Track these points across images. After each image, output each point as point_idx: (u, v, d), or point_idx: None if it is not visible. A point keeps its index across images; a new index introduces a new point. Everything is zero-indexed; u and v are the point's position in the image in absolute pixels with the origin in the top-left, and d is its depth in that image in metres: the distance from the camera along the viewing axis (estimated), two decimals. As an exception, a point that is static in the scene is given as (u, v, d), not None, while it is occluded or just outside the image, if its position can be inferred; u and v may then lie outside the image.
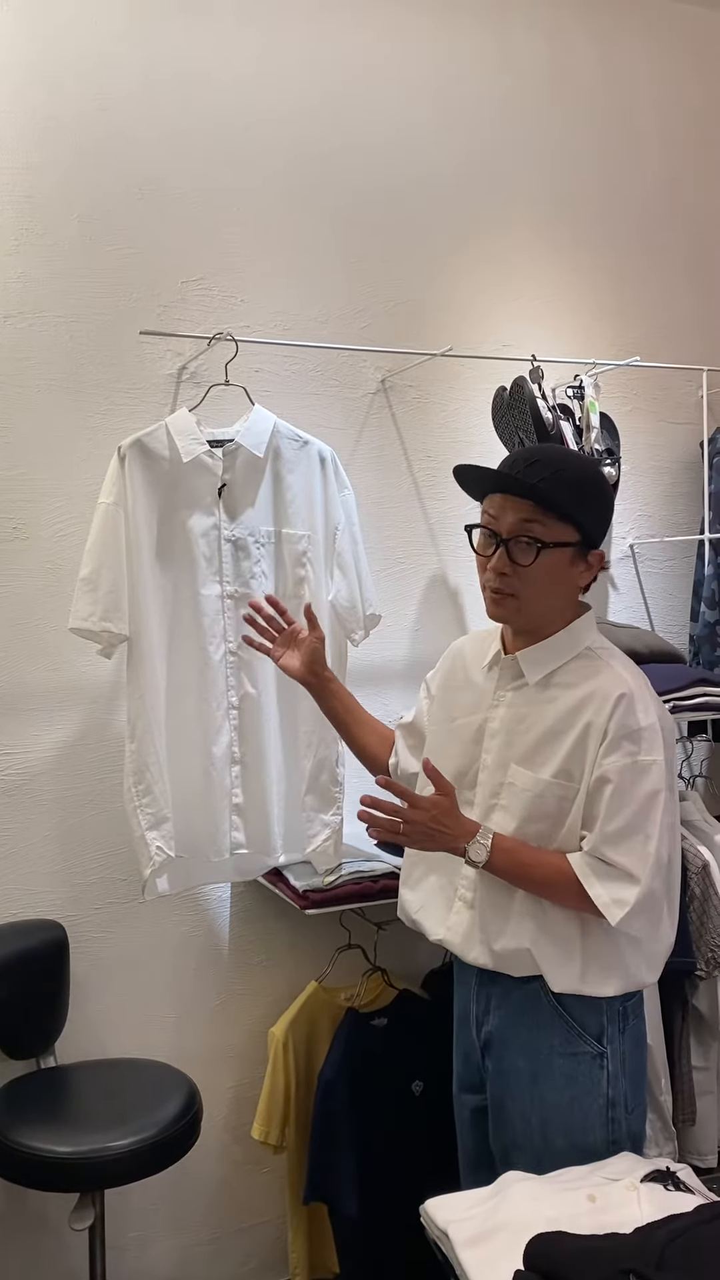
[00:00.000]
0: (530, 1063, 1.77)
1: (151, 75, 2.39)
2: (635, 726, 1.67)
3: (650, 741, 1.67)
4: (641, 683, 1.74)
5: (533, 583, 1.72)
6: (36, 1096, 2.14)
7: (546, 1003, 1.75)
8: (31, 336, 2.30)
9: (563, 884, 1.68)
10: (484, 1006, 1.84)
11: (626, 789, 1.65)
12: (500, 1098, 1.82)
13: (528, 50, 2.81)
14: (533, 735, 1.75)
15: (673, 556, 2.98)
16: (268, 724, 2.29)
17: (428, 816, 1.69)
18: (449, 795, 1.72)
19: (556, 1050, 1.75)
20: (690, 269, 3.03)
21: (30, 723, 2.31)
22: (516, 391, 2.50)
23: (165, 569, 2.22)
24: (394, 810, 1.69)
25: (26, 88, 2.28)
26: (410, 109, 2.66)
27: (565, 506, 1.69)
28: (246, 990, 2.50)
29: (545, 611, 1.77)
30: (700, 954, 2.36)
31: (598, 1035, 1.75)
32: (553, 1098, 1.75)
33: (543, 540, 1.70)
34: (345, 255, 2.59)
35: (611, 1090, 1.75)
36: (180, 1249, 2.47)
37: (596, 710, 1.69)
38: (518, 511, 1.71)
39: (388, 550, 2.63)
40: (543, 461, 1.73)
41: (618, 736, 1.67)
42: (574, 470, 1.75)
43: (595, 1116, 1.74)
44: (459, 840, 1.71)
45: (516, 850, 1.72)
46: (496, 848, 1.71)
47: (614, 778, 1.66)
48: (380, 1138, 2.29)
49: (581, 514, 1.71)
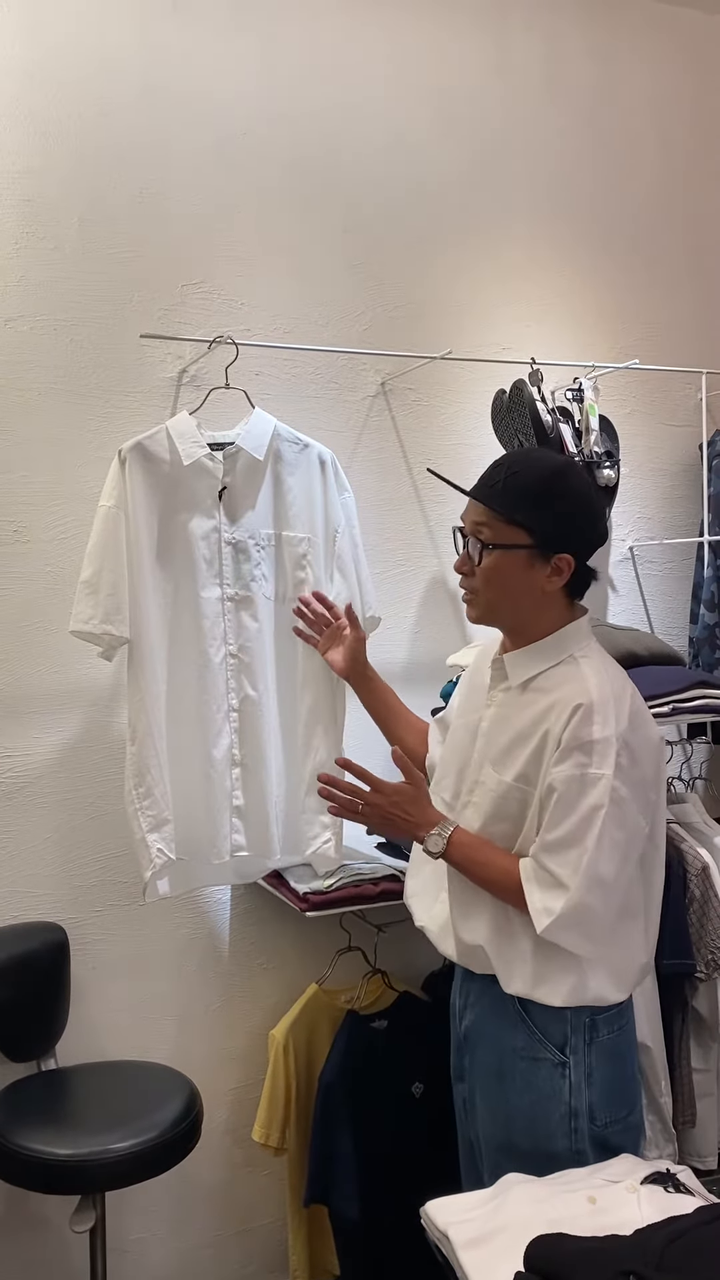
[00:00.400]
0: (497, 1062, 1.78)
1: (152, 80, 2.40)
2: (588, 738, 1.65)
3: (602, 754, 1.64)
4: (611, 694, 1.70)
5: (486, 583, 1.76)
6: (37, 1099, 2.14)
7: (511, 1006, 1.76)
8: (32, 340, 2.30)
9: (509, 885, 1.69)
10: (464, 1001, 1.88)
11: (571, 800, 1.65)
12: (472, 1092, 1.85)
13: (525, 55, 2.81)
14: (505, 737, 1.76)
15: (672, 559, 2.98)
16: (268, 726, 2.29)
17: (387, 801, 1.76)
18: (417, 785, 1.78)
19: (519, 1053, 1.75)
20: (689, 272, 3.03)
21: (31, 725, 2.31)
22: (516, 394, 2.50)
23: (166, 572, 2.22)
24: (352, 790, 1.77)
25: (27, 92, 2.29)
26: (409, 113, 2.67)
27: (509, 510, 1.71)
28: (247, 992, 2.50)
29: (513, 614, 1.78)
30: (700, 956, 2.36)
31: (560, 1044, 1.73)
32: (515, 1099, 1.76)
33: (487, 542, 1.74)
34: (345, 259, 2.60)
35: (574, 1100, 1.73)
36: (181, 1251, 2.47)
37: (555, 718, 1.69)
38: (474, 513, 1.77)
39: (388, 553, 2.63)
40: (503, 466, 1.77)
41: (569, 746, 1.66)
42: (531, 475, 1.74)
43: (557, 1124, 1.73)
44: (419, 829, 1.76)
45: (473, 847, 1.74)
46: (453, 841, 1.74)
47: (560, 787, 1.66)
48: (381, 1140, 2.29)
49: (530, 517, 1.71)
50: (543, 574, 1.74)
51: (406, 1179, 2.21)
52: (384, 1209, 2.24)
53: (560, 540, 1.73)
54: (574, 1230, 1.44)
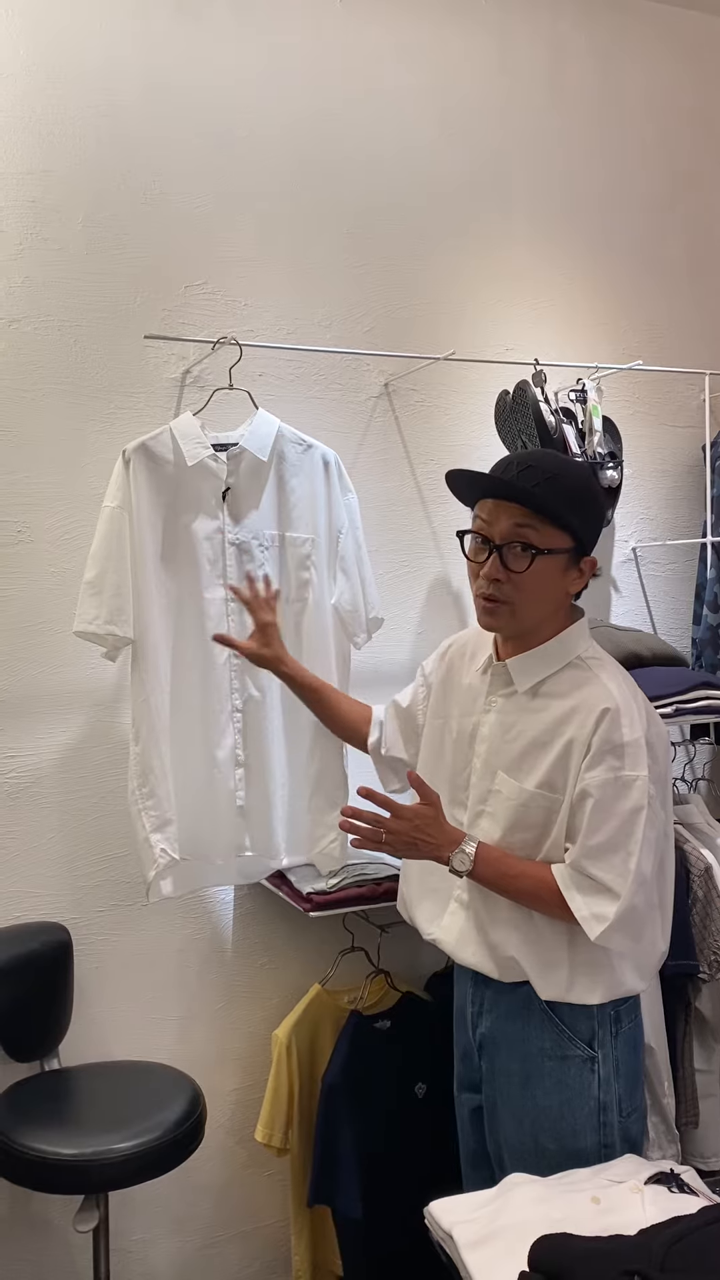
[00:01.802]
0: (522, 1065, 1.77)
1: (155, 81, 2.40)
2: (619, 741, 1.65)
3: (634, 757, 1.65)
4: (630, 695, 1.71)
5: (526, 590, 1.69)
6: (40, 1099, 2.14)
7: (537, 1006, 1.75)
8: (36, 341, 2.31)
9: (546, 895, 1.68)
10: (479, 1008, 1.85)
11: (608, 804, 1.64)
12: (493, 1099, 1.82)
13: (529, 56, 2.81)
14: (519, 744, 1.74)
15: (675, 560, 2.98)
16: (271, 727, 2.29)
17: (410, 826, 1.69)
18: (434, 804, 1.72)
19: (547, 1053, 1.75)
20: (692, 273, 3.03)
21: (35, 725, 2.31)
22: (519, 395, 2.51)
23: (169, 572, 2.22)
24: (375, 820, 1.69)
25: (31, 94, 2.29)
26: (412, 114, 2.67)
27: (560, 512, 1.68)
28: (250, 993, 2.50)
29: (537, 620, 1.75)
30: (703, 956, 2.36)
31: (588, 1039, 1.74)
32: (544, 1101, 1.75)
33: (537, 546, 1.68)
34: (348, 260, 2.60)
35: (603, 1094, 1.74)
36: (184, 1251, 2.47)
37: (581, 723, 1.68)
38: (511, 517, 1.69)
39: (391, 553, 2.63)
40: (536, 467, 1.71)
41: (601, 751, 1.65)
42: (568, 476, 1.73)
43: (586, 1120, 1.74)
44: (443, 849, 1.71)
45: (501, 860, 1.72)
46: (480, 858, 1.71)
47: (595, 792, 1.65)
48: (384, 1140, 2.29)
49: (575, 520, 1.70)
50: (572, 577, 1.74)
51: (409, 1179, 2.21)
52: (387, 1209, 2.24)
53: (592, 543, 1.74)
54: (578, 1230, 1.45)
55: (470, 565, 1.76)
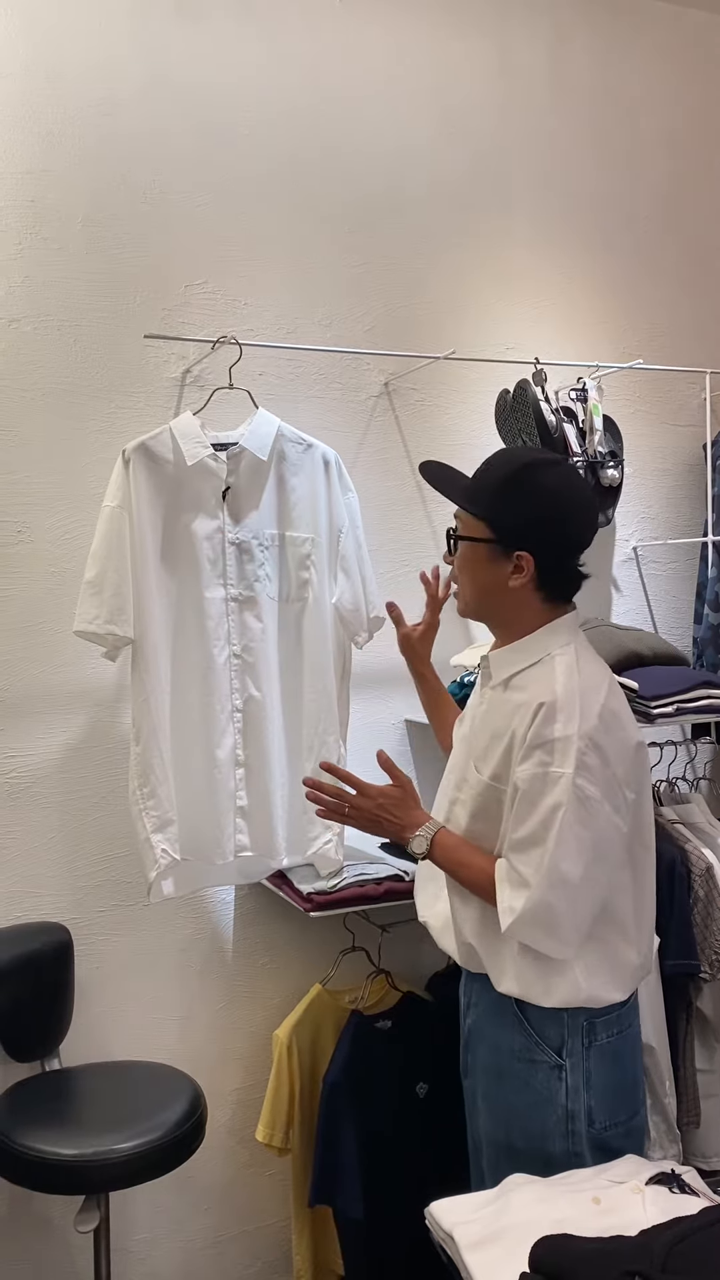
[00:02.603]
0: (495, 1062, 1.79)
1: (154, 80, 2.40)
2: (549, 737, 1.64)
3: (563, 753, 1.62)
4: (574, 692, 1.66)
5: (459, 574, 1.80)
6: (41, 1099, 2.14)
7: (509, 1007, 1.75)
8: (35, 340, 2.30)
9: (487, 885, 1.70)
10: (467, 1001, 1.89)
11: (533, 798, 1.64)
12: (474, 1090, 1.86)
13: (528, 55, 2.81)
14: (485, 735, 1.77)
15: (676, 559, 2.98)
16: (272, 726, 2.29)
17: (374, 805, 1.77)
18: (403, 786, 1.78)
19: (516, 1055, 1.75)
20: (693, 272, 3.03)
21: (35, 725, 2.31)
22: (520, 394, 2.50)
23: (170, 572, 2.22)
24: (337, 793, 1.77)
25: (30, 93, 2.29)
26: (412, 112, 2.67)
27: (470, 504, 1.74)
28: (251, 993, 2.50)
29: (489, 610, 1.80)
30: (704, 956, 2.36)
31: (557, 1047, 1.72)
32: (513, 1099, 1.76)
33: (457, 534, 1.78)
34: (348, 259, 2.60)
35: (571, 1103, 1.72)
36: (185, 1251, 2.47)
37: (521, 717, 1.68)
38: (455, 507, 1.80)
39: (391, 553, 2.63)
40: (485, 463, 1.80)
41: (532, 745, 1.65)
42: (499, 470, 1.75)
43: (553, 1126, 1.73)
44: (405, 830, 1.77)
45: (455, 848, 1.75)
46: (437, 843, 1.75)
47: (523, 785, 1.65)
48: (385, 1140, 2.29)
49: (490, 511, 1.72)
50: (504, 570, 1.73)
51: (410, 1179, 2.21)
52: (388, 1209, 2.24)
53: (518, 536, 1.71)
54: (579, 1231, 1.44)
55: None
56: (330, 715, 2.29)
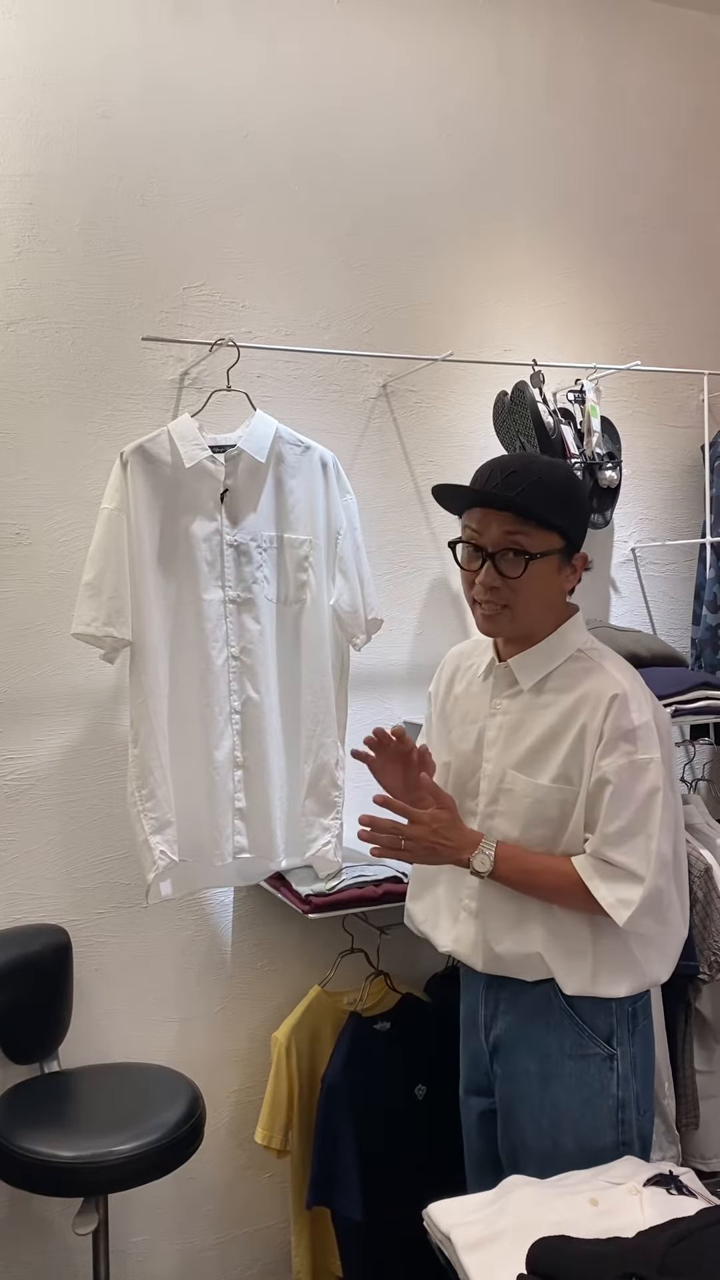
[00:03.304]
0: (541, 1065, 1.76)
1: (153, 83, 2.40)
2: (630, 726, 1.67)
3: (646, 740, 1.67)
4: (635, 681, 1.74)
5: (523, 594, 1.71)
6: (40, 1101, 2.14)
7: (557, 1005, 1.75)
8: (34, 343, 2.31)
9: (568, 888, 1.69)
10: (493, 1010, 1.84)
11: (626, 789, 1.66)
12: (509, 1101, 1.81)
13: (527, 55, 2.81)
14: (529, 741, 1.75)
15: (674, 560, 2.98)
16: (270, 728, 2.29)
17: (428, 831, 1.70)
18: (449, 808, 1.73)
19: (567, 1053, 1.75)
20: (691, 273, 3.03)
21: (33, 728, 2.31)
22: (518, 396, 2.51)
23: (168, 574, 2.22)
24: (393, 828, 1.70)
25: (28, 95, 2.29)
26: (410, 115, 2.67)
27: (547, 515, 1.69)
28: (249, 994, 2.50)
29: (538, 620, 1.77)
30: (703, 957, 2.36)
31: (607, 1037, 1.75)
32: (564, 1100, 1.75)
33: (530, 551, 1.69)
34: (346, 261, 2.60)
35: (622, 1092, 1.75)
36: (184, 1253, 2.47)
37: (591, 713, 1.69)
38: (501, 524, 1.70)
39: (389, 555, 2.63)
40: (520, 471, 1.71)
41: (614, 737, 1.67)
42: (552, 477, 1.74)
43: (605, 1118, 1.74)
44: (462, 852, 1.71)
45: (520, 857, 1.72)
46: (500, 856, 1.71)
47: (613, 778, 1.66)
48: (383, 1142, 2.29)
49: (563, 519, 1.71)
50: (565, 575, 1.76)
51: (409, 1181, 2.21)
52: (387, 1211, 2.24)
53: (581, 540, 1.76)
54: (576, 1232, 1.45)
55: (464, 574, 1.78)
56: (328, 717, 2.30)
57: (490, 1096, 1.86)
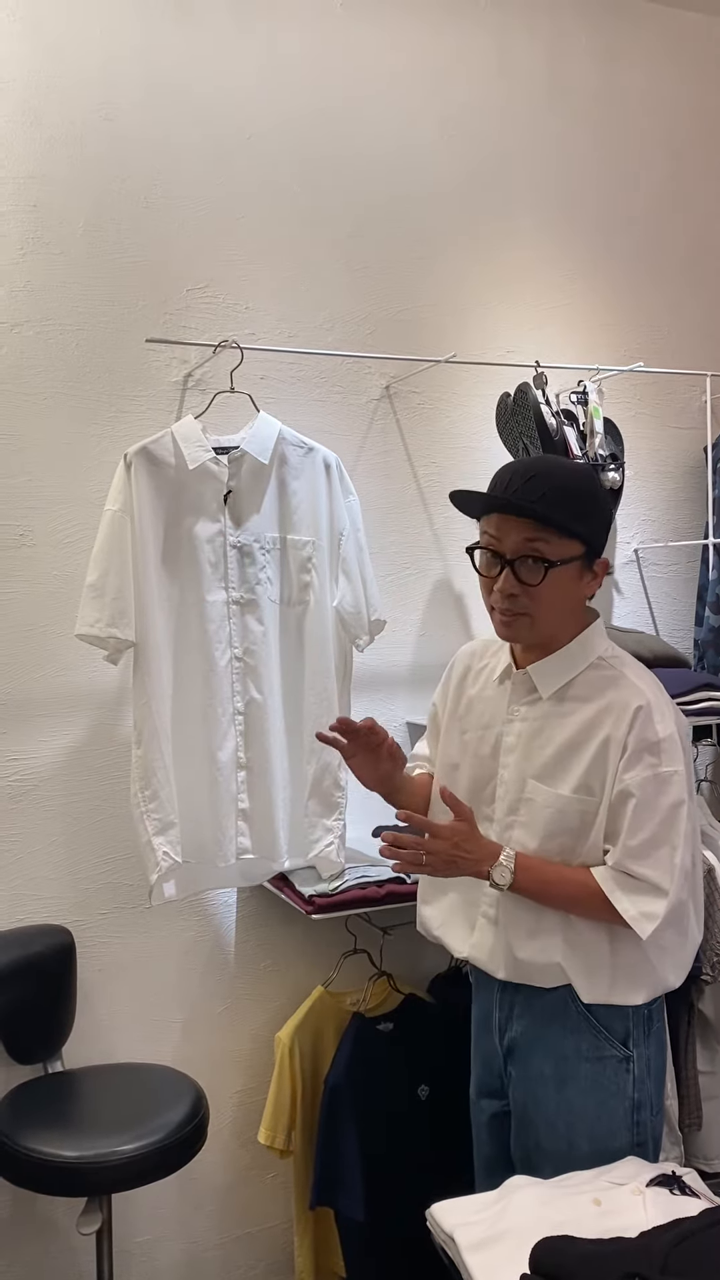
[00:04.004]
0: (557, 1068, 1.76)
1: (156, 85, 2.40)
2: (654, 739, 1.66)
3: (670, 753, 1.66)
4: (658, 691, 1.72)
5: (543, 601, 1.68)
6: (43, 1101, 2.14)
7: (574, 1009, 1.74)
8: (38, 345, 2.31)
9: (588, 899, 1.67)
10: (507, 1013, 1.83)
11: (649, 802, 1.64)
12: (524, 1103, 1.80)
13: (528, 59, 2.82)
14: (550, 750, 1.73)
15: (677, 561, 2.98)
16: (273, 729, 2.29)
17: (449, 845, 1.69)
18: (468, 820, 1.71)
19: (583, 1055, 1.75)
20: (693, 274, 3.03)
21: (37, 728, 2.32)
22: (520, 397, 2.51)
23: (171, 575, 2.23)
24: (415, 844, 1.69)
25: (32, 98, 2.30)
26: (413, 116, 2.67)
27: (567, 522, 1.66)
28: (252, 995, 2.51)
29: (558, 627, 1.74)
30: (706, 958, 2.36)
31: (624, 1039, 1.75)
32: (579, 1102, 1.74)
33: (549, 558, 1.67)
34: (349, 263, 2.61)
35: (637, 1093, 1.75)
36: (187, 1253, 2.47)
37: (615, 723, 1.68)
38: (520, 531, 1.67)
39: (392, 556, 2.64)
40: (539, 476, 1.68)
41: (638, 750, 1.65)
42: (572, 482, 1.71)
43: (621, 1120, 1.74)
44: (482, 864, 1.70)
45: (540, 868, 1.71)
46: (520, 868, 1.70)
47: (636, 791, 1.65)
48: (386, 1142, 2.30)
49: (583, 526, 1.69)
50: (586, 582, 1.73)
51: (412, 1181, 2.21)
52: (390, 1211, 2.24)
53: (602, 545, 1.74)
54: (579, 1233, 1.45)
55: (482, 580, 1.74)
56: (331, 718, 2.28)
57: (502, 1099, 1.86)
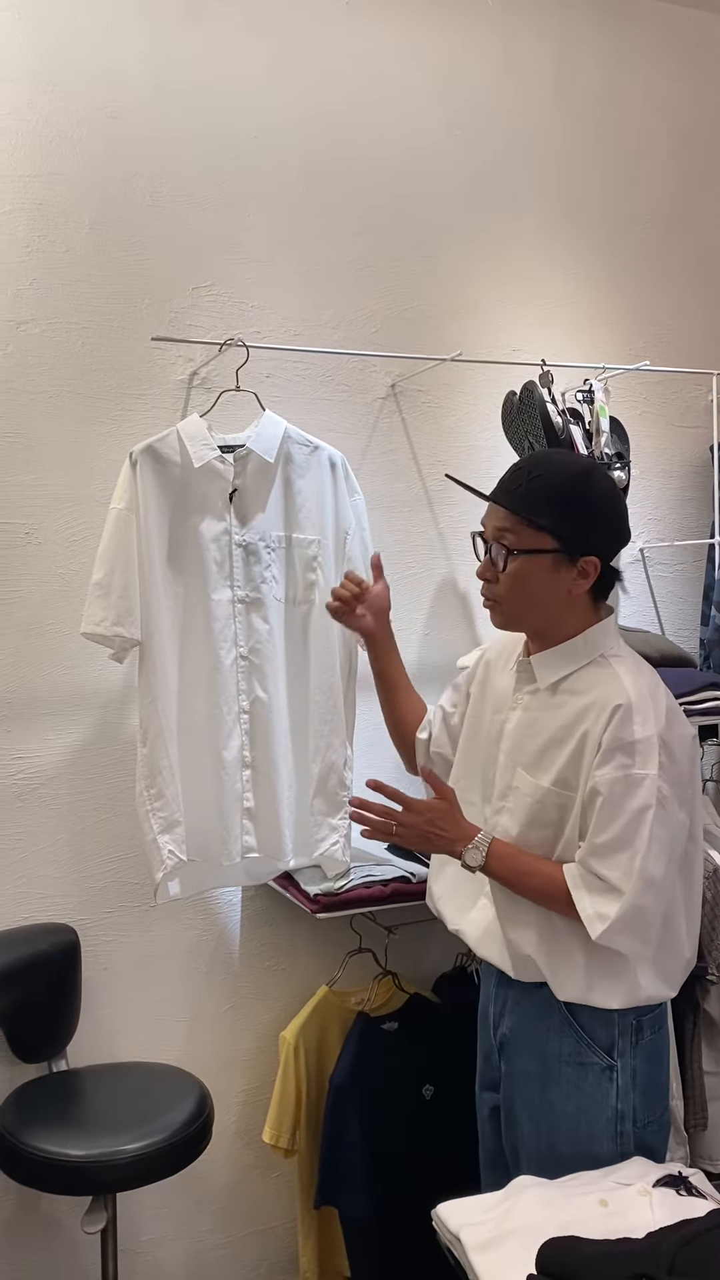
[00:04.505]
0: (540, 1068, 1.76)
1: (161, 83, 2.40)
2: (629, 739, 1.64)
3: (645, 755, 1.64)
4: (646, 692, 1.70)
5: (510, 589, 1.74)
6: (48, 1100, 2.14)
7: (558, 1010, 1.74)
8: (44, 343, 2.31)
9: (556, 894, 1.68)
10: (501, 1007, 1.84)
11: (617, 802, 1.63)
12: (511, 1100, 1.82)
13: (535, 56, 2.81)
14: (538, 741, 1.75)
15: (683, 560, 2.98)
16: (278, 728, 2.29)
17: (423, 820, 1.72)
18: (448, 799, 1.74)
19: (565, 1059, 1.74)
20: (699, 274, 3.03)
21: (42, 727, 2.32)
22: (526, 396, 2.50)
23: (177, 574, 2.23)
24: (385, 812, 1.73)
25: (38, 96, 2.30)
26: (419, 115, 2.67)
27: (534, 514, 1.69)
28: (257, 994, 2.50)
29: (539, 618, 1.76)
30: (711, 958, 2.36)
31: (607, 1048, 1.73)
32: (560, 1105, 1.74)
33: (511, 547, 1.72)
34: (355, 261, 2.60)
35: (621, 1104, 1.73)
36: (192, 1252, 2.47)
37: (594, 720, 1.68)
38: (495, 518, 1.75)
39: (397, 555, 2.63)
40: (524, 469, 1.75)
41: (611, 748, 1.65)
42: (554, 477, 1.73)
43: (603, 1129, 1.73)
44: (456, 844, 1.72)
45: (513, 857, 1.72)
46: (493, 853, 1.71)
47: (605, 790, 1.64)
48: (391, 1142, 2.29)
49: (555, 521, 1.70)
50: (569, 577, 1.73)
51: (417, 1181, 2.21)
52: (395, 1211, 2.24)
53: (585, 543, 1.73)
54: (586, 1233, 1.45)
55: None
56: (337, 716, 2.30)
57: (500, 1092, 1.86)
